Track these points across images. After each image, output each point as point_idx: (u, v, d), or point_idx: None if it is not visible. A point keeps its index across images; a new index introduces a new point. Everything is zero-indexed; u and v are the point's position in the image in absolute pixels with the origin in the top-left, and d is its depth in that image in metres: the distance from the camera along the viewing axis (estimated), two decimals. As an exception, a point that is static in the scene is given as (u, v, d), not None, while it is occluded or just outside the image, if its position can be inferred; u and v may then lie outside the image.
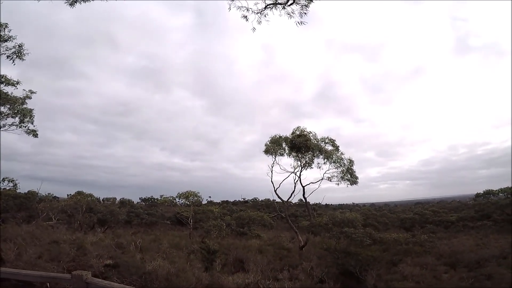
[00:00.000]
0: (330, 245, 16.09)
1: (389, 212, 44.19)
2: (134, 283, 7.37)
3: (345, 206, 61.72)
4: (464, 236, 23.60)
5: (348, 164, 17.55)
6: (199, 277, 8.09)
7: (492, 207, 29.47)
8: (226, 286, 8.16)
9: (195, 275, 8.04)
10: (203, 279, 8.33)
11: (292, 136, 18.14)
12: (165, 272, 7.51)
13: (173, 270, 7.76)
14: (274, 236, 22.80)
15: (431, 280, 10.07)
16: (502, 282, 8.70)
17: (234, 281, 8.62)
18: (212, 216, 20.81)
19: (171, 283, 7.62)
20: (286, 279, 10.33)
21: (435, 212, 36.77)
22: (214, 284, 8.27)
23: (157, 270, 7.57)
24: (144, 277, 7.58)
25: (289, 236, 21.39)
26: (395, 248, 15.76)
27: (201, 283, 8.30)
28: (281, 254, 15.35)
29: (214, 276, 8.59)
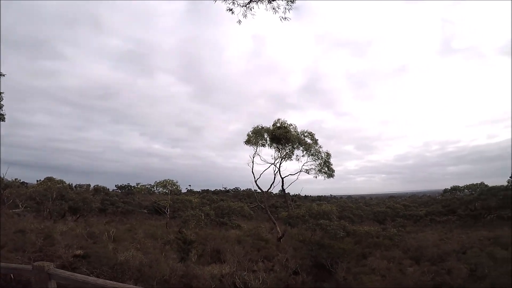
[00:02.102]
0: (305, 237, 16.41)
1: (364, 205, 45.50)
2: (105, 274, 7.15)
3: (323, 198, 63.27)
4: (431, 230, 24.52)
5: (325, 157, 17.96)
6: (174, 268, 8.00)
7: (458, 203, 30.96)
8: (201, 277, 8.12)
9: (169, 266, 7.93)
10: (178, 269, 8.24)
11: (273, 127, 18.23)
12: (137, 262, 7.33)
13: (146, 261, 7.60)
14: (254, 226, 22.97)
15: (397, 273, 10.39)
16: (459, 276, 9.18)
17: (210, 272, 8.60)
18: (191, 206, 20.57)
19: (144, 274, 7.47)
20: (261, 270, 10.46)
21: (406, 206, 38.28)
22: (188, 274, 8.21)
23: (129, 261, 7.38)
24: (115, 268, 7.37)
25: (269, 227, 21.63)
26: (367, 241, 16.23)
27: (175, 274, 8.21)
28: (259, 245, 15.48)
29: (189, 267, 8.52)
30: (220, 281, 8.70)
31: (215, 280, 8.26)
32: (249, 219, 28.00)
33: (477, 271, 9.35)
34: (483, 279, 8.50)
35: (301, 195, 58.41)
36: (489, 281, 8.06)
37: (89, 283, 2.47)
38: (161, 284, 7.29)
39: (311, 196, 60.37)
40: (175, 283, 8.12)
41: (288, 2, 5.98)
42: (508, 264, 8.74)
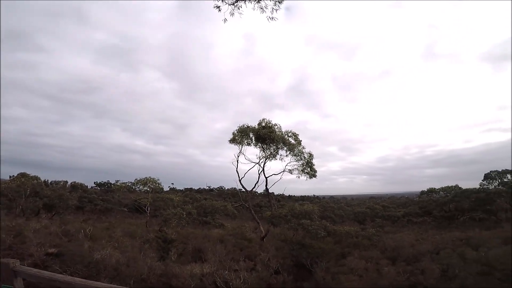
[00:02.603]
0: (287, 237, 16.52)
1: (345, 205, 46.23)
2: (79, 273, 6.90)
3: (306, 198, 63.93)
4: (408, 231, 25.16)
5: (308, 157, 18.16)
6: (152, 267, 7.82)
7: (433, 204, 32.10)
8: (180, 276, 8.00)
9: (147, 265, 7.74)
10: (157, 268, 8.07)
11: (258, 127, 18.26)
12: (114, 261, 7.11)
13: (123, 260, 7.39)
14: (238, 225, 22.90)
15: (373, 273, 10.52)
16: (432, 276, 9.37)
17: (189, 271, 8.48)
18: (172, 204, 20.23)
19: (121, 273, 7.26)
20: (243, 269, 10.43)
21: (385, 207, 39.38)
22: (168, 273, 8.06)
23: (105, 260, 7.15)
24: (90, 266, 7.12)
25: (253, 226, 21.65)
26: (346, 241, 16.45)
27: (154, 273, 8.04)
28: (241, 245, 15.44)
29: (168, 266, 8.36)
30: (200, 280, 8.60)
31: (195, 279, 8.15)
32: (232, 218, 27.88)
33: (448, 272, 9.57)
34: (453, 279, 8.69)
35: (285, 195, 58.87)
36: (459, 281, 8.23)
37: (56, 280, 2.37)
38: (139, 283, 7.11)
39: (294, 196, 60.93)
40: (154, 282, 7.96)
41: (276, 2, 6.01)
42: (477, 265, 9.06)
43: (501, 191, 25.90)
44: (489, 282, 7.30)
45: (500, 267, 7.67)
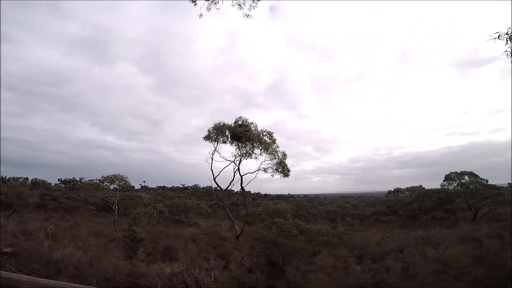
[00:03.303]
0: (261, 235, 16.57)
1: (318, 204, 47.17)
2: (36, 272, 6.43)
3: (282, 196, 64.56)
4: (375, 229, 26.01)
5: (282, 157, 18.42)
6: (118, 266, 7.48)
7: (399, 204, 33.58)
8: (148, 275, 7.73)
9: (112, 264, 7.40)
10: (123, 268, 7.74)
11: (234, 125, 18.16)
12: (75, 260, 6.71)
13: (86, 259, 6.99)
14: (213, 224, 22.64)
15: (341, 271, 10.74)
16: (395, 275, 9.75)
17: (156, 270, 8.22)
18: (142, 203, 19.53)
19: (83, 272, 6.88)
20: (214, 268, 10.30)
21: (355, 206, 40.70)
22: (134, 273, 7.76)
23: (66, 259, 6.72)
24: (49, 265, 6.66)
25: (228, 225, 21.48)
26: (318, 239, 16.76)
27: (119, 272, 7.70)
28: (215, 243, 15.28)
29: (135, 265, 8.05)
30: (169, 280, 8.38)
31: (163, 278, 7.92)
32: (207, 217, 27.50)
33: (409, 270, 9.90)
34: (414, 277, 8.93)
35: (261, 194, 59.13)
36: (418, 279, 8.47)
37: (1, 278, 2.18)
38: (102, 283, 6.77)
39: (270, 195, 61.35)
40: (120, 281, 7.64)
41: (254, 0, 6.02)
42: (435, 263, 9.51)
43: (459, 191, 27.71)
44: (445, 281, 7.58)
45: (455, 265, 8.08)
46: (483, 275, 6.84)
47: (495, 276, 6.68)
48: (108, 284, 6.92)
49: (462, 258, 8.27)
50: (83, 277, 6.61)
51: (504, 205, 25.63)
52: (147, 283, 7.91)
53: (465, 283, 6.99)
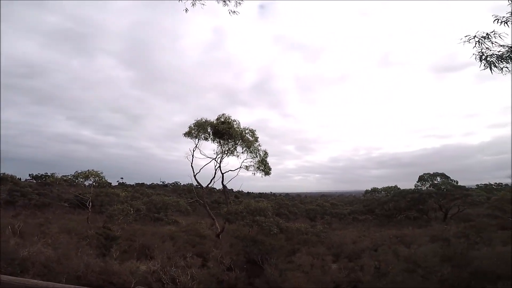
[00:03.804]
0: (241, 233, 16.56)
1: (299, 203, 47.51)
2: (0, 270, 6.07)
3: (264, 194, 64.69)
4: (352, 228, 26.59)
5: (263, 155, 18.51)
6: (89, 264, 7.21)
7: (376, 203, 34.57)
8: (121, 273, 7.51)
9: (83, 262, 7.12)
10: (95, 266, 7.48)
11: (216, 122, 18.02)
12: (43, 258, 6.40)
13: (55, 256, 6.69)
14: (194, 222, 22.36)
15: (318, 270, 10.86)
16: (368, 273, 9.98)
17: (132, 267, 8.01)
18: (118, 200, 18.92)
19: (52, 270, 6.57)
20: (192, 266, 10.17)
21: (333, 205, 41.66)
22: (107, 271, 7.51)
23: (33, 256, 6.39)
24: (14, 263, 6.31)
25: (210, 223, 21.30)
26: (297, 238, 16.97)
27: (91, 270, 7.44)
28: (194, 241, 15.12)
29: (108, 263, 7.80)
30: (144, 278, 8.19)
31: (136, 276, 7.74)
32: (187, 215, 27.14)
33: (381, 269, 10.16)
34: (385, 276, 9.11)
35: (243, 192, 59.03)
36: (390, 278, 8.63)
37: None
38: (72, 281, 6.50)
39: (253, 193, 61.31)
40: (92, 279, 7.41)
41: (240, -4, 6.00)
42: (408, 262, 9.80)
43: (431, 192, 29.00)
44: (414, 279, 7.77)
45: (423, 264, 8.38)
46: (449, 274, 7.14)
47: (460, 275, 7.01)
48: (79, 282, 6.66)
49: (430, 257, 8.62)
50: (51, 275, 6.32)
51: (472, 205, 27.18)
52: (121, 281, 7.69)
53: (432, 282, 7.22)
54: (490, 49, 5.23)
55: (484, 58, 5.24)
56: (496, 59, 5.21)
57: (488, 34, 5.15)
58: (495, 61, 5.25)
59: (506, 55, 5.17)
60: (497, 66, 5.23)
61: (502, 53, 5.20)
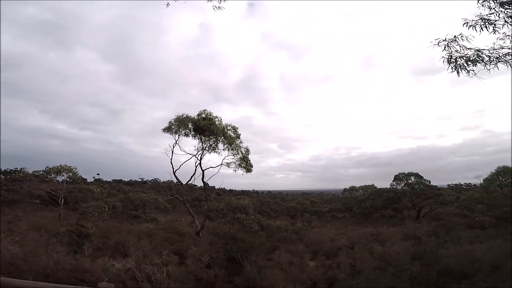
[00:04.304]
0: (221, 231, 16.48)
1: (281, 200, 48.20)
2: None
3: (246, 192, 64.89)
4: (331, 226, 27.14)
5: (245, 152, 18.44)
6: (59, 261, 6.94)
7: (353, 201, 35.43)
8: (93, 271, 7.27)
9: (53, 259, 6.83)
10: (65, 263, 7.19)
11: (197, 117, 17.76)
12: (9, 256, 6.06)
13: (21, 254, 6.36)
14: (173, 220, 22.02)
15: (296, 267, 10.93)
16: (344, 271, 10.03)
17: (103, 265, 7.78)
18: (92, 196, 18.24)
19: (18, 268, 6.23)
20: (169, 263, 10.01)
21: (313, 203, 42.34)
22: (79, 268, 7.25)
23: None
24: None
25: (190, 221, 21.05)
26: (278, 235, 16.99)
27: (62, 268, 7.16)
28: (172, 239, 14.93)
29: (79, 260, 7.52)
30: (117, 275, 7.97)
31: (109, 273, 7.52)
32: (166, 212, 26.65)
33: (355, 266, 10.29)
34: (360, 273, 9.21)
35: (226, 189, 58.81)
36: (364, 276, 8.72)
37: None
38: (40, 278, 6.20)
39: (235, 190, 61.32)
40: (63, 277, 7.16)
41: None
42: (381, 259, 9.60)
43: (406, 191, 30.13)
44: (385, 277, 7.91)
45: (394, 262, 8.49)
46: (418, 273, 7.38)
47: (428, 273, 7.28)
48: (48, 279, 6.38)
49: (402, 255, 8.92)
50: (18, 272, 5.99)
51: (443, 205, 28.59)
52: (93, 279, 7.45)
53: (402, 280, 7.35)
54: (459, 52, 5.29)
55: (453, 60, 5.32)
56: (464, 62, 5.32)
57: (456, 37, 5.21)
58: (462, 64, 5.34)
59: (473, 58, 5.27)
60: (464, 69, 5.35)
61: (469, 56, 5.31)
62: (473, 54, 5.28)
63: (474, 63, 5.28)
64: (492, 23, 5.10)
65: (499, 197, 17.22)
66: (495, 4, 5.06)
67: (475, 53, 5.27)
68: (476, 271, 6.83)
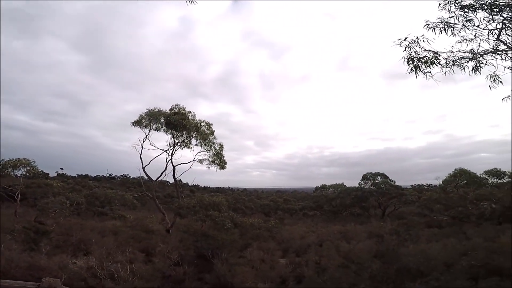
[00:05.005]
0: (191, 228, 16.26)
1: (256, 198, 48.16)
2: None
3: (221, 189, 64.41)
4: (302, 223, 27.48)
5: (218, 149, 18.19)
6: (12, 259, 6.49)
7: (324, 200, 36.35)
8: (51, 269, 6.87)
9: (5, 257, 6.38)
10: (20, 261, 6.76)
11: (170, 112, 17.28)
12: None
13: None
14: (143, 217, 21.32)
15: (266, 264, 11.05)
16: (311, 268, 10.23)
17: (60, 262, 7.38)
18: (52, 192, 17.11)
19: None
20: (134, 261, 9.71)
21: (286, 200, 43.05)
22: (34, 266, 6.83)
23: None
24: None
25: (161, 218, 20.50)
26: (251, 233, 16.97)
27: (16, 266, 6.72)
28: (140, 236, 14.47)
29: (34, 258, 7.08)
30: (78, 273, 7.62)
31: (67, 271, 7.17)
32: (133, 209, 25.73)
33: (321, 264, 10.57)
34: (325, 271, 9.44)
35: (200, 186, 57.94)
36: (329, 274, 8.88)
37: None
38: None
39: (210, 187, 60.68)
40: (18, 275, 6.83)
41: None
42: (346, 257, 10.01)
43: (373, 190, 31.53)
44: (348, 275, 8.13)
45: (357, 260, 8.79)
46: (378, 271, 7.69)
47: (388, 271, 7.60)
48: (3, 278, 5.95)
49: (365, 253, 9.28)
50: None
51: (406, 204, 30.35)
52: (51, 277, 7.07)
53: (363, 278, 7.58)
54: (418, 53, 5.35)
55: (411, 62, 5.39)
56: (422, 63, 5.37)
57: (418, 38, 5.28)
58: (419, 65, 5.45)
59: (431, 60, 5.40)
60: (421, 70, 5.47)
61: (427, 58, 5.43)
62: (430, 56, 5.37)
63: (429, 65, 5.37)
64: (451, 26, 5.23)
65: (455, 197, 18.43)
66: (455, 8, 5.16)
67: (432, 55, 5.36)
68: (431, 270, 7.13)
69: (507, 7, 4.82)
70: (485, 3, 4.92)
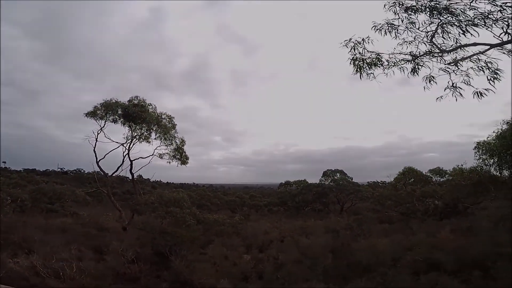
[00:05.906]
0: (148, 225, 15.72)
1: (222, 194, 47.54)
2: None
3: (185, 185, 62.95)
4: (267, 219, 27.70)
5: (180, 143, 17.72)
6: None
7: (288, 196, 36.75)
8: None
9: None
10: None
11: (128, 103, 16.44)
12: None
13: None
14: (98, 214, 20.09)
15: (228, 261, 10.95)
16: (272, 264, 10.33)
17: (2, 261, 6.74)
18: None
19: None
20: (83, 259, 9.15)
21: (252, 197, 43.28)
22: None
23: None
24: None
25: (118, 215, 19.47)
26: (215, 229, 16.76)
27: None
28: (91, 234, 13.85)
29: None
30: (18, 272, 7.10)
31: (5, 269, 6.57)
32: (85, 205, 24.15)
33: (279, 259, 10.62)
34: (283, 266, 9.54)
35: (162, 182, 55.98)
36: (287, 269, 9.02)
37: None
38: None
39: (173, 183, 58.99)
40: None
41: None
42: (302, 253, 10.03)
43: (332, 186, 33.18)
44: (301, 270, 8.28)
45: (311, 255, 8.89)
46: (330, 265, 7.97)
47: (339, 265, 7.91)
48: None
49: (320, 248, 9.58)
50: None
51: (362, 200, 32.31)
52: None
53: (317, 273, 7.74)
54: (361, 54, 5.43)
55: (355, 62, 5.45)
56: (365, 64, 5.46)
57: (364, 40, 5.38)
58: (362, 66, 5.61)
59: (373, 61, 5.58)
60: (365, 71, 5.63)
61: (370, 59, 5.58)
62: (373, 58, 5.53)
63: (371, 66, 5.54)
64: (395, 28, 5.35)
65: (403, 194, 19.94)
66: (399, 9, 5.26)
67: (375, 57, 5.53)
68: (379, 265, 7.43)
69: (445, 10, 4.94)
70: (426, 5, 5.03)
